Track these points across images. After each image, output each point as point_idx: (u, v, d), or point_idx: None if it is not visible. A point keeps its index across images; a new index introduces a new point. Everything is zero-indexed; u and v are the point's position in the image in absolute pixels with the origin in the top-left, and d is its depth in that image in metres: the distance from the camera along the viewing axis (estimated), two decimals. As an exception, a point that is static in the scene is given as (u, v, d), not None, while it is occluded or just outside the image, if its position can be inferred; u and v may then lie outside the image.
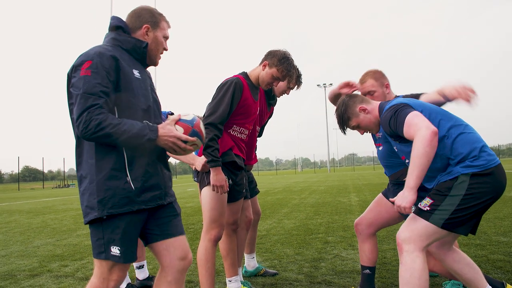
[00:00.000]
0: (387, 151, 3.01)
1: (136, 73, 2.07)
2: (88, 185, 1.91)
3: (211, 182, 2.92)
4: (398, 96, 3.03)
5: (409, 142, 2.41)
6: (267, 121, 3.84)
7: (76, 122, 1.83)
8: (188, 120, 2.06)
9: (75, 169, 2.05)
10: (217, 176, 2.91)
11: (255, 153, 3.74)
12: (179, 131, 2.01)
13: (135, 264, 3.88)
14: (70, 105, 1.96)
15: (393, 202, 2.34)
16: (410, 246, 2.31)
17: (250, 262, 3.98)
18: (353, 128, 2.80)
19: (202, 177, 3.15)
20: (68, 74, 1.96)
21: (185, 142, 2.01)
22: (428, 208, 2.33)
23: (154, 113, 2.14)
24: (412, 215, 2.40)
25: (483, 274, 2.56)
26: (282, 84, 3.57)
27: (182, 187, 26.11)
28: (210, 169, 2.92)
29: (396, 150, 2.68)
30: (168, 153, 2.27)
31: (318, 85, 62.73)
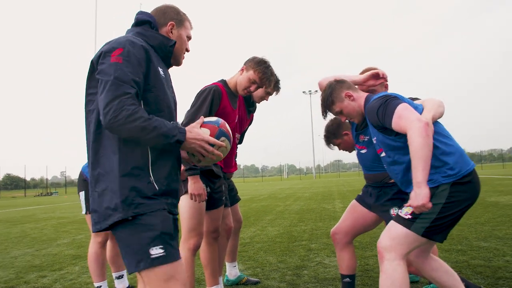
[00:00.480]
0: (372, 155, 3.00)
1: (161, 71, 1.94)
2: (109, 184, 1.72)
3: (189, 191, 2.88)
4: None
5: (392, 135, 2.39)
6: (247, 128, 3.82)
7: (103, 110, 1.65)
8: (213, 121, 1.97)
9: (58, 176, 1.94)
10: (195, 184, 2.87)
11: (235, 161, 3.71)
12: (205, 133, 1.89)
13: (114, 274, 3.81)
14: (89, 95, 1.81)
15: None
16: (391, 255, 2.30)
17: (232, 271, 3.94)
18: (335, 113, 2.75)
19: (181, 186, 3.10)
20: (93, 61, 1.81)
21: (212, 145, 1.88)
22: (409, 217, 2.31)
23: (175, 115, 2.04)
24: (392, 222, 2.39)
25: (463, 280, 2.57)
26: (260, 90, 3.54)
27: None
28: (188, 177, 2.89)
29: (375, 142, 2.61)
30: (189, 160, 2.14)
31: (304, 92, 63.15)
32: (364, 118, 2.73)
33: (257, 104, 3.75)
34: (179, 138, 1.75)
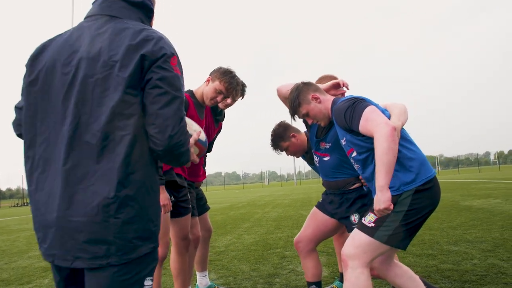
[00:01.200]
0: (334, 161, 3.01)
1: None
2: (146, 209, 1.45)
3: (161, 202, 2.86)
4: None
5: (360, 135, 2.39)
6: (216, 137, 3.81)
7: (172, 131, 1.41)
8: (203, 142, 1.95)
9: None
10: (161, 195, 2.86)
11: (204, 169, 3.69)
12: (195, 152, 1.84)
13: None
14: (127, 94, 1.42)
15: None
16: (354, 263, 2.31)
17: (202, 280, 3.90)
18: (302, 116, 2.73)
19: None
20: (144, 55, 1.44)
21: None
22: (373, 225, 2.33)
23: None
24: (356, 230, 2.40)
25: (427, 285, 2.59)
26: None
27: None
28: None
29: (344, 143, 2.58)
30: None
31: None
32: (330, 121, 2.72)
33: (225, 112, 3.73)
34: (188, 157, 1.60)
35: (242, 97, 3.44)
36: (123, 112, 1.42)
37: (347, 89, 2.90)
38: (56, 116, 1.47)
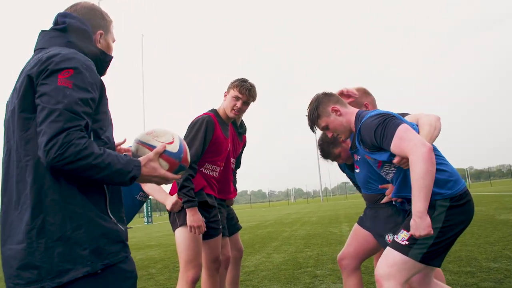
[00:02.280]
0: (364, 175, 2.93)
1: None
2: (68, 233, 1.41)
3: (188, 223, 2.88)
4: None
5: (388, 151, 2.27)
6: (242, 151, 3.82)
7: (45, 145, 1.35)
8: (174, 154, 1.69)
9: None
10: (193, 216, 2.87)
11: (234, 187, 3.67)
12: (163, 167, 1.65)
13: None
14: (25, 120, 1.47)
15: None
16: (390, 283, 2.21)
17: (234, 302, 3.82)
18: (322, 128, 2.61)
19: (174, 217, 3.08)
20: (31, 76, 1.47)
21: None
22: (406, 243, 2.24)
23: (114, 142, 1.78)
24: (389, 249, 2.32)
25: None
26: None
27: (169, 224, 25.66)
28: (186, 209, 2.89)
29: (372, 160, 2.47)
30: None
31: (306, 115, 63.25)
32: (351, 134, 2.60)
33: (245, 125, 3.72)
34: (134, 174, 1.52)
35: (254, 100, 3.38)
36: (22, 138, 1.46)
37: (354, 96, 2.82)
38: (3, 150, 1.57)
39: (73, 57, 1.50)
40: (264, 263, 6.63)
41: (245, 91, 3.17)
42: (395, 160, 2.27)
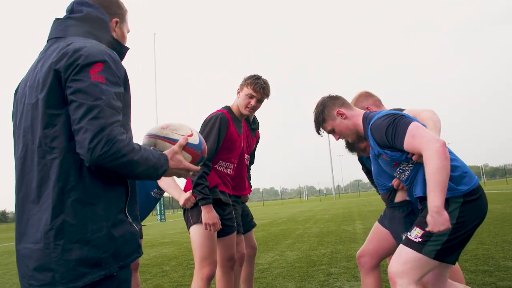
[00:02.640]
0: (376, 171, 2.92)
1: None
2: (88, 235, 1.38)
3: (203, 221, 2.87)
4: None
5: (400, 153, 2.29)
6: (256, 147, 3.82)
7: (90, 142, 1.32)
8: (196, 145, 1.72)
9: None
10: (209, 214, 2.87)
11: (249, 183, 3.67)
12: (187, 159, 1.66)
13: None
14: (51, 116, 1.41)
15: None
16: (403, 280, 2.19)
17: (249, 299, 3.82)
18: (328, 131, 2.63)
19: (187, 215, 3.09)
20: (58, 70, 1.42)
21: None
22: (420, 240, 2.22)
23: None
24: (402, 246, 2.29)
25: None
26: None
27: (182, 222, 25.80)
28: (201, 207, 2.88)
29: (387, 159, 2.44)
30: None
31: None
32: (358, 137, 2.60)
33: (258, 121, 3.71)
34: (165, 168, 1.52)
35: (267, 97, 3.36)
36: (47, 135, 1.41)
37: None
38: (17, 144, 1.54)
39: (100, 50, 1.46)
40: (277, 261, 6.62)
41: (259, 89, 3.16)
42: (415, 157, 2.25)
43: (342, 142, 3.07)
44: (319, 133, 2.70)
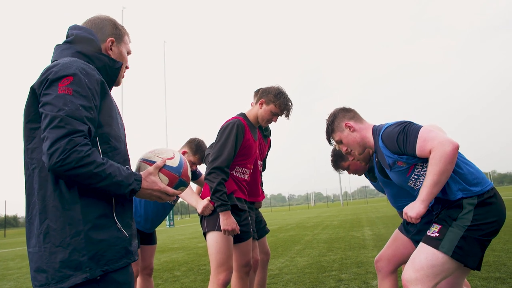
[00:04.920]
0: (392, 194, 2.99)
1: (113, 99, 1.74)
2: (67, 239, 1.44)
3: (222, 226, 2.91)
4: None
5: (416, 157, 2.31)
6: (268, 154, 3.88)
7: (48, 150, 1.39)
8: (174, 168, 1.76)
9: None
10: (227, 220, 2.91)
11: (262, 189, 3.72)
12: (163, 181, 1.71)
13: None
14: (31, 130, 1.54)
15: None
16: None
17: (262, 304, 3.86)
18: (336, 142, 2.73)
19: (204, 221, 3.12)
20: (33, 88, 1.53)
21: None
22: (437, 234, 2.23)
23: (126, 144, 1.80)
24: (416, 252, 2.30)
25: None
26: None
27: (195, 226, 25.88)
28: (220, 213, 2.92)
29: (403, 165, 2.44)
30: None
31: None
32: (364, 149, 2.67)
33: (269, 127, 3.76)
34: (134, 187, 1.56)
35: (288, 118, 3.40)
36: (28, 147, 1.53)
37: None
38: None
39: (71, 65, 1.54)
40: (288, 267, 6.64)
41: (287, 113, 3.20)
42: None
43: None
44: (330, 143, 2.80)
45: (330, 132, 2.71)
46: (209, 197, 3.10)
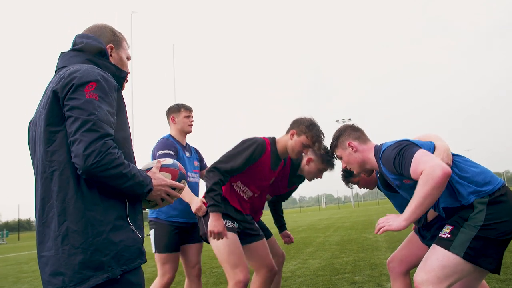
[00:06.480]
0: (397, 205, 2.99)
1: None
2: (89, 240, 1.49)
3: (209, 227, 2.79)
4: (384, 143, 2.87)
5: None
6: (284, 195, 3.89)
7: (84, 151, 1.45)
8: (171, 164, 1.89)
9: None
10: (216, 221, 2.80)
11: (281, 217, 3.98)
12: (167, 177, 1.81)
13: None
14: (51, 133, 1.57)
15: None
16: None
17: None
18: (337, 157, 2.77)
19: (203, 225, 3.07)
20: (56, 92, 1.58)
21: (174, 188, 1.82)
22: (448, 236, 2.19)
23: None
24: (430, 249, 2.27)
25: None
26: (314, 169, 3.51)
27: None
28: (210, 213, 2.81)
29: (409, 182, 2.43)
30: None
31: (337, 120, 62.56)
32: (364, 169, 2.68)
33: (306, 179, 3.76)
34: (150, 187, 1.66)
35: (331, 169, 3.49)
36: (48, 150, 1.57)
37: None
38: (34, 166, 1.71)
39: (93, 71, 1.62)
40: (300, 269, 6.59)
41: (318, 145, 3.10)
42: None
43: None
44: (333, 156, 2.86)
45: (333, 147, 2.75)
46: (202, 198, 3.07)
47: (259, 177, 3.12)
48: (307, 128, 3.04)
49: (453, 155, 2.39)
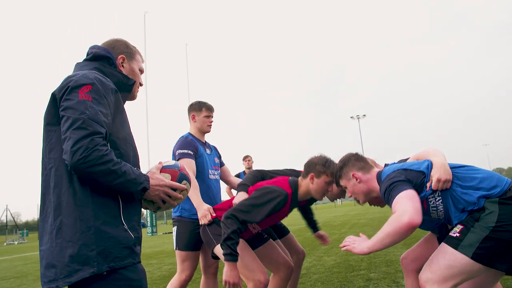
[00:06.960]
0: None
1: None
2: (77, 234, 1.53)
3: (224, 277, 2.74)
4: (387, 165, 2.88)
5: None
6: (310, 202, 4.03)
7: (71, 148, 1.51)
8: (172, 165, 1.90)
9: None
10: (231, 272, 2.73)
11: (313, 219, 4.29)
12: (166, 178, 1.83)
13: None
14: (49, 132, 1.68)
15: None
16: None
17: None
18: (342, 187, 2.77)
19: (209, 236, 3.09)
20: (54, 94, 1.69)
21: (175, 189, 1.83)
22: (457, 235, 2.18)
23: (136, 150, 1.92)
24: (439, 248, 2.27)
25: None
26: (337, 190, 3.39)
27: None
28: (225, 262, 2.75)
29: None
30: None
31: (351, 117, 62.21)
32: (370, 199, 2.70)
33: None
34: (145, 186, 1.68)
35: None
36: (47, 148, 1.67)
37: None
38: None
39: (90, 75, 1.71)
40: (315, 266, 6.62)
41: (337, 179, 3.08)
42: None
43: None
44: (338, 185, 2.83)
45: (338, 177, 2.75)
46: (210, 206, 3.15)
47: (273, 221, 3.18)
48: (323, 167, 3.02)
49: (454, 166, 2.38)
